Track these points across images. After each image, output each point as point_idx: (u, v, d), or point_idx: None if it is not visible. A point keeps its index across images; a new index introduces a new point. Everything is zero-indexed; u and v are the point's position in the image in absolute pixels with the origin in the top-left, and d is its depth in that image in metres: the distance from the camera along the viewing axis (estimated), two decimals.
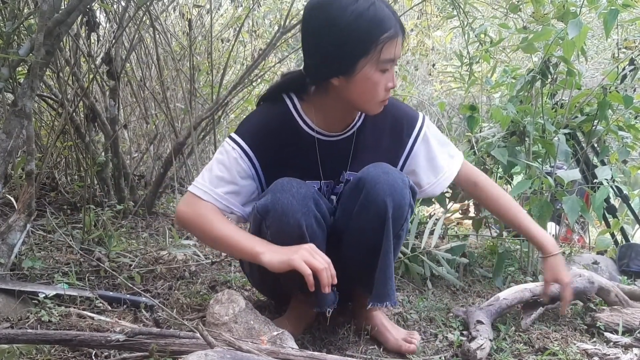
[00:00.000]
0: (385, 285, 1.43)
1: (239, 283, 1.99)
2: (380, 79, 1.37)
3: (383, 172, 1.40)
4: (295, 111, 1.49)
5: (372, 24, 1.31)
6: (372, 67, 1.34)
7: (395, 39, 1.34)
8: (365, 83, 1.36)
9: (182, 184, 3.81)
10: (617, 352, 1.42)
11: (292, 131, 1.48)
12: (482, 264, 2.41)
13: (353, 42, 1.32)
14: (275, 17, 3.89)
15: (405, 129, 1.56)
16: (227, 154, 1.46)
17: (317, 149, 1.49)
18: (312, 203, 1.38)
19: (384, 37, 1.32)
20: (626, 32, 2.74)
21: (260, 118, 1.52)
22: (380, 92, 1.39)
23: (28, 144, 1.78)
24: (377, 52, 1.32)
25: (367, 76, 1.35)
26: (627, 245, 2.50)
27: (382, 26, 1.32)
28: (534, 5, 2.25)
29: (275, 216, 1.35)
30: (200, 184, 1.46)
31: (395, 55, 1.36)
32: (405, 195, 1.40)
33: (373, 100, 1.40)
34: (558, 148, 2.16)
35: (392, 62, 1.37)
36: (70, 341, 1.17)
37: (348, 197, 1.46)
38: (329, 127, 1.50)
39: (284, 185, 1.38)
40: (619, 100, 2.19)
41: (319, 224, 1.40)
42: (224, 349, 1.07)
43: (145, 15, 2.75)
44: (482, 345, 1.45)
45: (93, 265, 1.98)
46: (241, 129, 1.50)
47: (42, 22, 1.71)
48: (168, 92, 3.24)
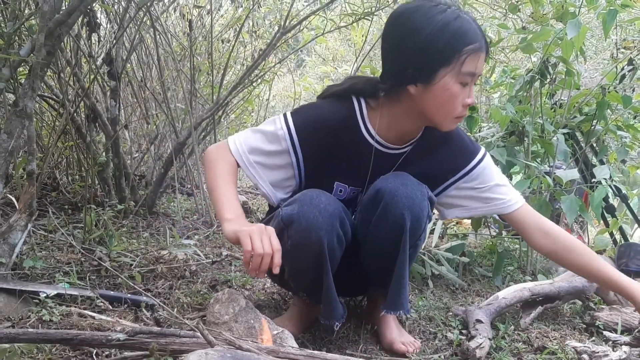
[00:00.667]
0: (400, 295, 1.44)
1: (239, 282, 2.00)
2: (459, 92, 1.33)
3: (402, 184, 1.38)
4: (360, 115, 1.46)
5: (457, 34, 1.30)
6: (453, 78, 1.31)
7: (478, 53, 1.32)
8: (443, 94, 1.33)
9: (182, 184, 3.82)
10: (606, 349, 1.42)
11: (351, 135, 1.45)
12: (482, 263, 2.41)
13: (436, 50, 1.30)
14: (275, 18, 3.89)
15: (462, 159, 1.52)
16: (274, 129, 1.43)
17: (372, 158, 1.47)
18: (338, 222, 1.36)
19: (468, 49, 1.30)
20: (625, 32, 2.74)
21: (323, 112, 1.47)
22: (458, 105, 1.35)
23: (29, 144, 1.79)
24: (459, 64, 1.30)
25: (446, 87, 1.32)
26: (625, 245, 2.50)
27: (466, 38, 1.30)
28: (533, 5, 2.26)
29: (298, 229, 1.33)
30: (238, 142, 1.45)
31: (477, 69, 1.33)
32: (423, 208, 1.39)
33: (449, 114, 1.37)
34: (557, 148, 2.16)
35: (473, 77, 1.34)
36: (71, 340, 1.18)
37: (367, 207, 1.44)
38: (390, 138, 1.47)
39: (312, 198, 1.36)
40: (618, 100, 2.20)
41: (340, 242, 1.39)
42: (224, 348, 1.08)
43: (145, 16, 2.76)
44: (481, 344, 1.45)
45: (94, 264, 1.99)
46: (300, 114, 1.46)
47: (43, 22, 1.72)
48: (169, 93, 3.24)
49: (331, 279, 1.40)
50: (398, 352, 1.50)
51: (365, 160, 1.47)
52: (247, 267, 1.26)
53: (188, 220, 2.95)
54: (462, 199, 1.57)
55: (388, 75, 1.40)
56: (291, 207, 1.36)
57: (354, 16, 2.93)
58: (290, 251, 1.35)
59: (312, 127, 1.44)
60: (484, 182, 1.53)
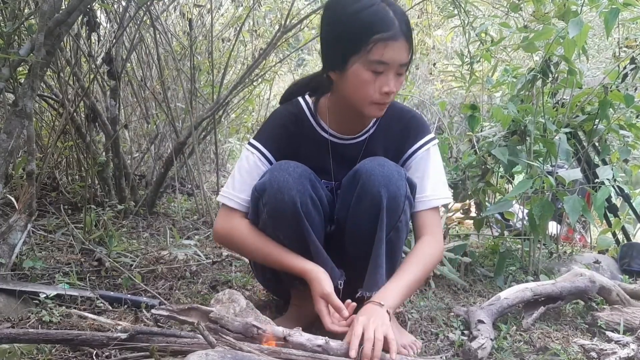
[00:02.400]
0: (376, 274, 1.42)
1: (239, 283, 1.99)
2: (371, 79, 1.36)
3: (378, 165, 1.41)
4: (309, 113, 1.53)
5: (366, 23, 1.33)
6: (362, 65, 1.35)
7: (389, 42, 1.32)
8: (355, 80, 1.37)
9: (182, 184, 3.82)
10: (614, 347, 1.42)
11: (307, 132, 1.52)
12: (484, 264, 2.40)
13: (346, 38, 1.35)
14: (275, 17, 3.89)
15: (411, 138, 1.55)
16: (247, 159, 1.51)
17: (329, 150, 1.52)
18: (308, 183, 1.40)
19: (376, 38, 1.32)
20: (627, 31, 2.74)
21: (276, 120, 1.56)
22: (372, 92, 1.37)
23: (29, 144, 1.78)
24: (366, 51, 1.33)
25: (357, 74, 1.36)
26: (628, 245, 2.50)
27: (376, 26, 1.32)
28: (534, 4, 2.25)
29: (271, 193, 1.38)
30: (227, 193, 1.51)
31: (388, 58, 1.33)
32: (400, 187, 1.40)
33: (364, 100, 1.39)
34: (559, 147, 2.15)
35: (385, 65, 1.34)
36: (72, 341, 1.17)
37: (346, 189, 1.47)
38: (341, 129, 1.52)
39: (281, 165, 1.42)
40: (620, 99, 2.18)
41: (315, 205, 1.42)
42: (224, 348, 1.07)
43: (145, 15, 2.75)
44: (483, 344, 1.44)
45: (94, 265, 1.98)
46: (259, 133, 1.56)
47: (43, 22, 1.71)
48: (169, 92, 3.24)
49: (317, 241, 1.42)
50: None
51: (326, 155, 1.53)
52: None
53: (188, 220, 2.95)
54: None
55: (322, 67, 1.47)
56: (263, 178, 1.43)
57: None
58: (268, 219, 1.41)
59: (273, 136, 1.52)
60: (424, 169, 1.53)
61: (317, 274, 1.39)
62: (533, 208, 2.11)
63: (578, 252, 2.66)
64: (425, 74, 5.52)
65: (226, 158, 5.40)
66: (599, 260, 2.38)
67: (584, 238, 3.21)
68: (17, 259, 1.76)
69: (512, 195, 2.19)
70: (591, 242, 3.09)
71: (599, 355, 1.40)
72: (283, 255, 1.44)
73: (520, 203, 2.40)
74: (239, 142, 4.80)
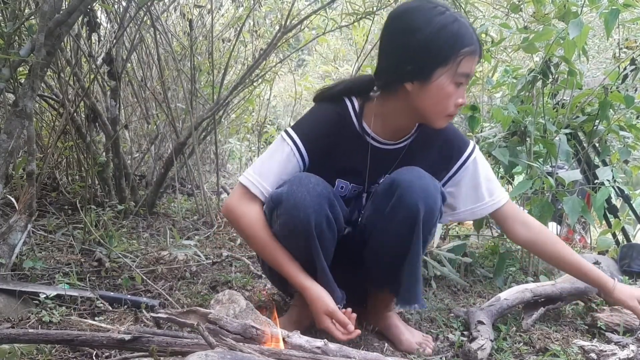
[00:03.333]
0: (414, 289, 1.44)
1: (239, 283, 1.99)
2: (453, 92, 1.38)
3: (417, 177, 1.41)
4: (353, 114, 1.50)
5: (455, 36, 1.34)
6: (448, 78, 1.36)
7: (474, 56, 1.37)
8: (439, 92, 1.37)
9: (183, 184, 3.82)
10: (614, 348, 1.42)
11: (348, 134, 1.50)
12: (483, 264, 2.40)
13: (435, 50, 1.34)
14: (276, 17, 3.88)
15: (455, 153, 1.57)
16: (282, 149, 1.47)
17: (368, 154, 1.51)
18: (327, 203, 1.38)
19: (465, 51, 1.34)
20: (627, 32, 2.74)
21: (318, 117, 1.52)
22: (450, 105, 1.39)
23: (29, 144, 1.78)
24: (456, 64, 1.34)
25: (442, 86, 1.36)
26: (628, 246, 2.50)
27: (464, 40, 1.34)
28: (535, 5, 2.25)
29: (287, 207, 1.36)
30: (250, 175, 1.47)
31: (471, 71, 1.39)
32: (437, 201, 1.41)
33: (442, 112, 1.41)
34: (559, 148, 2.15)
35: (467, 78, 1.39)
36: (72, 341, 1.17)
37: (380, 197, 1.46)
38: (385, 134, 1.51)
39: (301, 179, 1.39)
40: (620, 100, 2.18)
41: (330, 225, 1.40)
42: (224, 349, 1.07)
43: (146, 16, 2.76)
44: (482, 345, 1.44)
45: (94, 265, 1.98)
46: (299, 124, 1.51)
47: (43, 22, 1.71)
48: (169, 92, 3.24)
49: (324, 263, 1.42)
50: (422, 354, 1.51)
51: (363, 158, 1.51)
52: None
53: (188, 220, 2.95)
54: (455, 198, 1.61)
55: (384, 72, 1.44)
56: (281, 188, 1.40)
57: (355, 15, 2.93)
58: (280, 231, 1.40)
59: (312, 132, 1.48)
60: (475, 177, 1.58)
61: (318, 292, 1.41)
62: (533, 209, 2.11)
63: (578, 253, 2.66)
64: None
65: (226, 158, 5.41)
66: (598, 261, 2.38)
67: (584, 239, 3.21)
68: (17, 259, 1.76)
69: (512, 195, 2.18)
70: (591, 243, 3.09)
71: (599, 356, 1.40)
72: (287, 264, 1.44)
73: (520, 203, 2.40)
74: (239, 143, 4.81)
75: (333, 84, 1.58)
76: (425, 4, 1.37)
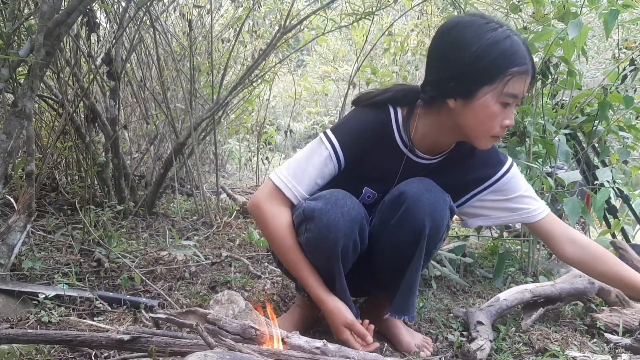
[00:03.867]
0: (407, 300, 1.44)
1: (239, 284, 1.99)
2: (499, 112, 1.33)
3: (426, 190, 1.39)
4: (395, 124, 1.46)
5: (505, 54, 1.29)
6: (494, 97, 1.31)
7: (524, 76, 1.31)
8: (482, 111, 1.33)
9: (182, 184, 3.82)
10: (606, 358, 1.42)
11: (387, 143, 1.46)
12: (483, 265, 2.40)
13: (482, 67, 1.29)
14: (275, 17, 3.89)
15: (491, 169, 1.54)
16: (320, 150, 1.44)
17: (402, 165, 1.48)
18: (358, 228, 1.38)
19: (513, 70, 1.29)
20: (627, 32, 2.74)
21: (361, 122, 1.47)
22: (495, 125, 1.34)
23: (28, 144, 1.78)
24: (503, 84, 1.29)
25: (486, 105, 1.32)
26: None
27: (514, 59, 1.29)
28: (534, 5, 2.25)
29: (318, 225, 1.35)
30: (283, 176, 1.44)
31: (520, 92, 1.33)
32: (444, 217, 1.40)
33: (486, 132, 1.36)
34: (558, 148, 2.15)
35: (515, 99, 1.33)
36: (71, 342, 1.17)
37: (388, 208, 1.44)
38: (423, 148, 1.47)
39: (338, 199, 1.37)
40: (620, 100, 2.19)
41: (355, 249, 1.41)
42: (223, 349, 1.07)
43: (145, 16, 2.76)
44: (482, 346, 1.44)
45: (93, 265, 1.98)
46: (340, 128, 1.47)
47: (42, 22, 1.71)
48: (168, 93, 3.24)
49: (344, 281, 1.42)
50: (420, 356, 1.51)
51: (396, 168, 1.48)
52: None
53: (188, 221, 2.95)
54: (486, 209, 1.58)
55: (431, 86, 1.39)
56: (315, 203, 1.37)
57: (355, 16, 2.93)
58: (306, 244, 1.39)
59: (353, 137, 1.44)
60: (509, 193, 1.55)
61: (337, 305, 1.42)
62: None
63: None
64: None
65: (225, 159, 5.41)
66: None
67: None
68: (16, 260, 1.76)
69: None
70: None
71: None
72: (308, 275, 1.43)
73: None
74: (239, 143, 4.81)
75: (377, 90, 1.54)
76: (479, 19, 1.33)
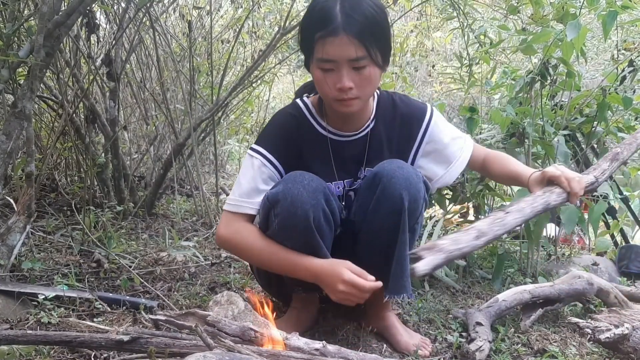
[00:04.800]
0: (402, 277, 1.43)
1: (238, 284, 1.99)
2: (323, 77, 1.36)
3: (398, 167, 1.42)
4: (308, 112, 1.53)
5: (312, 22, 1.35)
6: (315, 64, 1.37)
7: (328, 38, 1.30)
8: (315, 79, 1.40)
9: (182, 185, 3.82)
10: (608, 325, 1.42)
11: (307, 132, 1.51)
12: (482, 266, 2.40)
13: (302, 38, 1.40)
14: (275, 18, 3.89)
15: (415, 124, 1.56)
16: (252, 165, 1.48)
17: (329, 148, 1.51)
18: (323, 197, 1.39)
19: (317, 35, 1.31)
20: (626, 33, 2.74)
21: (274, 123, 1.55)
22: (328, 90, 1.37)
23: (28, 145, 1.78)
24: (314, 51, 1.34)
25: (314, 73, 1.39)
26: (626, 247, 2.50)
27: (318, 25, 1.32)
28: (533, 6, 2.26)
29: (284, 205, 1.36)
30: (232, 200, 1.49)
31: (330, 55, 1.31)
32: (420, 189, 1.42)
33: (327, 97, 1.41)
34: (557, 149, 2.16)
35: (331, 62, 1.32)
36: (71, 342, 1.18)
37: (364, 192, 1.47)
38: (341, 127, 1.52)
39: (296, 176, 1.40)
40: (619, 101, 2.19)
41: (327, 219, 1.41)
42: (222, 350, 1.07)
43: (145, 17, 2.76)
44: (481, 346, 1.45)
45: (93, 266, 1.98)
46: (259, 137, 1.54)
47: (42, 23, 1.71)
48: (168, 94, 3.24)
49: (327, 253, 1.41)
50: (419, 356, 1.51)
51: (328, 153, 1.52)
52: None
53: (187, 221, 2.95)
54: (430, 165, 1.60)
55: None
56: (276, 188, 1.40)
57: None
58: (279, 230, 1.39)
59: (274, 138, 1.51)
60: (440, 140, 1.58)
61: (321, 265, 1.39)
62: None
63: (576, 254, 2.66)
64: (424, 75, 5.54)
65: (225, 159, 5.41)
66: (597, 262, 2.39)
67: (583, 240, 3.21)
68: (16, 260, 1.76)
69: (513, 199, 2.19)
70: (589, 244, 3.10)
71: (594, 332, 1.39)
72: (289, 257, 1.41)
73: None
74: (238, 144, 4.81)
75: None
76: None
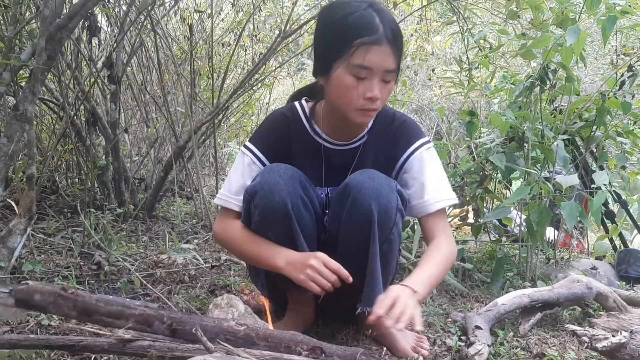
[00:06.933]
0: (374, 288, 1.41)
1: (238, 287, 1.99)
2: (354, 84, 1.35)
3: (369, 178, 1.40)
4: (304, 117, 1.53)
5: (350, 28, 1.33)
6: (344, 70, 1.34)
7: (372, 46, 1.31)
8: (339, 85, 1.37)
9: (182, 188, 3.82)
10: (606, 333, 1.42)
11: (300, 136, 1.52)
12: (481, 269, 2.41)
13: (331, 42, 1.36)
14: (276, 22, 3.90)
15: (402, 147, 1.53)
16: (242, 161, 1.52)
17: (322, 155, 1.52)
18: (299, 185, 1.41)
19: (358, 42, 1.31)
20: (625, 38, 2.75)
21: (268, 123, 1.57)
22: (355, 98, 1.36)
23: (29, 148, 1.79)
24: (349, 56, 1.32)
25: (340, 78, 1.36)
26: (625, 251, 2.51)
27: (359, 31, 1.32)
28: (533, 11, 2.27)
29: (262, 195, 1.38)
30: (222, 195, 1.54)
31: (370, 63, 1.32)
32: (391, 200, 1.39)
33: (349, 106, 1.38)
34: (557, 154, 2.16)
35: (368, 70, 1.33)
36: (73, 347, 1.18)
37: (336, 202, 1.46)
38: (335, 135, 1.52)
39: (272, 167, 1.43)
40: (618, 106, 2.20)
41: (306, 206, 1.42)
42: (222, 354, 1.08)
43: (146, 20, 2.77)
44: (480, 350, 1.45)
45: (93, 268, 1.98)
46: (253, 135, 1.56)
47: (44, 26, 1.72)
48: (169, 96, 3.25)
49: (304, 244, 1.41)
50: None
51: (319, 159, 1.53)
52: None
53: (187, 224, 2.95)
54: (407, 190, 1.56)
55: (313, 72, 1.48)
56: (255, 180, 1.43)
57: None
58: (260, 221, 1.41)
59: (267, 138, 1.53)
60: (410, 177, 1.51)
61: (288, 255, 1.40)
62: (531, 214, 2.12)
63: (575, 258, 2.67)
64: (424, 79, 5.54)
65: (225, 162, 5.41)
66: (596, 266, 2.39)
67: (582, 244, 3.22)
68: (16, 262, 1.77)
69: (510, 201, 2.20)
70: (588, 248, 3.10)
71: (591, 340, 1.40)
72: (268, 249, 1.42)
73: (518, 209, 2.41)
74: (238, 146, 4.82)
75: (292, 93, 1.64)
76: (343, 1, 1.37)
